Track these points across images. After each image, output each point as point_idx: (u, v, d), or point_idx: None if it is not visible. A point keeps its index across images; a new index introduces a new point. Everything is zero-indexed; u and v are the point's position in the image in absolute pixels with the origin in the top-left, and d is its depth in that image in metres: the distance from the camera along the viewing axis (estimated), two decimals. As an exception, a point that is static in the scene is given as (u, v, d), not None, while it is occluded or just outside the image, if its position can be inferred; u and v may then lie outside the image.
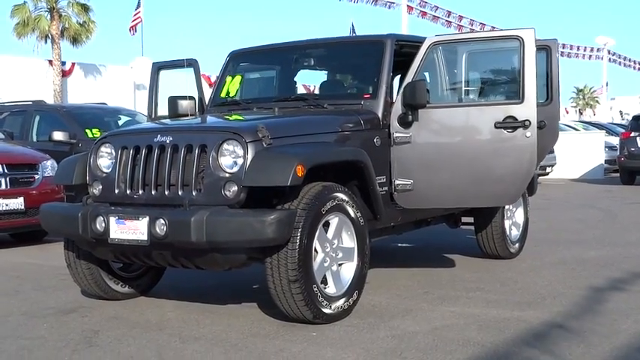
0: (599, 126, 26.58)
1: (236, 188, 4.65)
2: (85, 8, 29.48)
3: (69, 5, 28.93)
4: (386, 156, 5.66)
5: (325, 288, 4.88)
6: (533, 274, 6.58)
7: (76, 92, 28.85)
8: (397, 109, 5.69)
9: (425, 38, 6.24)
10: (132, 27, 30.63)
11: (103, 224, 4.88)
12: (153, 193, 4.93)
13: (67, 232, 5.14)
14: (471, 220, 7.29)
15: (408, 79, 5.68)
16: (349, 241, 5.07)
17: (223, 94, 6.51)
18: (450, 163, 5.68)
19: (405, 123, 5.67)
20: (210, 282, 6.42)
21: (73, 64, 30.07)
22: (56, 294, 6.02)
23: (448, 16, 28.42)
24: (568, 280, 6.27)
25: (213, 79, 37.39)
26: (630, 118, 20.13)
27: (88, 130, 10.93)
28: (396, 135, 5.68)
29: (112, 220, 4.85)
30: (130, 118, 12.37)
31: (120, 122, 12.02)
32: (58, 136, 10.67)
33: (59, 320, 5.12)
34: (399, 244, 8.53)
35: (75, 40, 29.61)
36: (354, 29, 41.27)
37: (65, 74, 28.94)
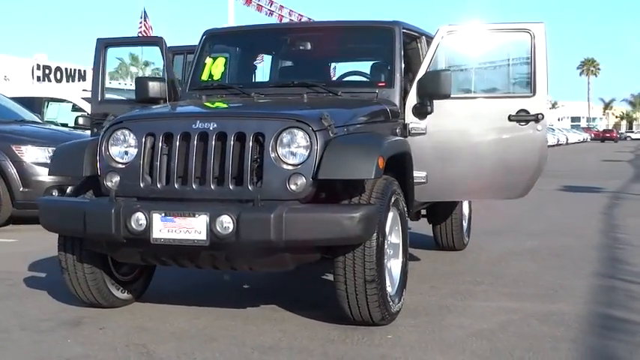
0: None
1: (304, 181, 4.24)
2: None
3: None
4: (402, 147, 5.43)
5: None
6: (505, 265, 6.69)
7: None
8: (412, 99, 5.51)
9: (418, 29, 6.12)
10: None
11: (144, 222, 4.24)
12: (194, 187, 4.37)
13: (93, 232, 4.39)
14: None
15: (424, 68, 5.51)
16: (395, 237, 4.81)
17: (205, 77, 5.92)
18: (464, 155, 5.59)
19: (420, 113, 5.51)
20: (191, 283, 5.89)
21: None
22: (27, 303, 5.18)
23: (270, 5, 28.39)
24: (550, 270, 6.44)
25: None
26: None
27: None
28: (411, 126, 5.50)
29: (156, 217, 4.24)
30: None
31: None
32: None
33: (79, 334, 4.40)
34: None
35: None
36: (146, 15, 40.16)
37: None
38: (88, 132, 10.89)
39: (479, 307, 5.08)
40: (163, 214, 4.23)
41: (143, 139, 4.49)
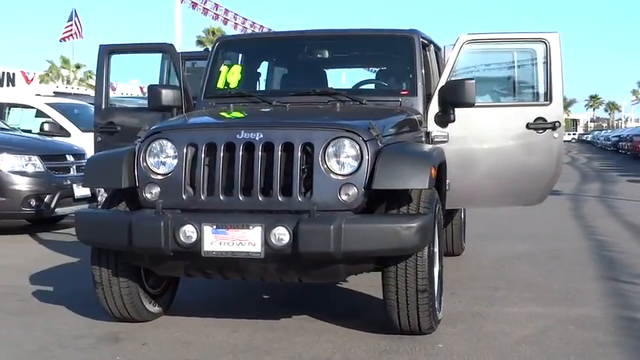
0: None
1: (355, 191, 4.22)
2: None
3: None
4: (425, 156, 5.46)
5: (430, 295, 4.61)
6: (510, 270, 6.79)
7: None
8: (434, 107, 5.55)
9: (427, 37, 6.15)
10: None
11: (194, 234, 4.15)
12: (240, 198, 4.30)
13: (139, 245, 4.26)
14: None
15: (445, 76, 5.57)
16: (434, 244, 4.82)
17: (221, 85, 5.83)
18: (484, 162, 5.68)
19: (442, 122, 5.55)
20: (207, 294, 5.80)
21: None
22: (50, 319, 5.01)
23: (216, 9, 28.13)
24: (555, 274, 6.56)
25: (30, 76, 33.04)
26: None
27: None
28: (434, 134, 5.54)
29: (207, 229, 4.15)
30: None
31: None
32: None
33: (125, 350, 4.29)
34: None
35: None
36: (76, 14, 39.64)
37: None
38: (58, 138, 10.72)
39: (509, 313, 5.14)
40: (215, 227, 4.15)
41: (184, 150, 4.39)
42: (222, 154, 4.33)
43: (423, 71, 5.61)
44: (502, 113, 5.76)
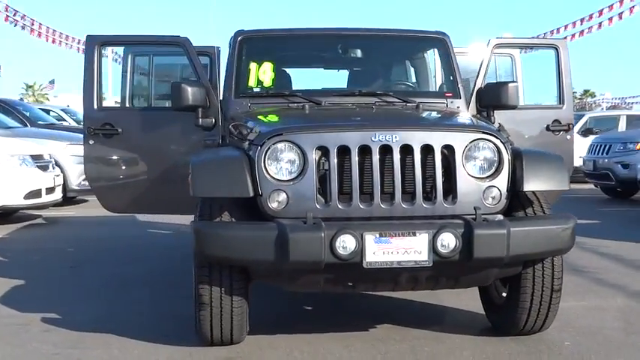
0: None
1: (498, 194, 4.17)
2: None
3: None
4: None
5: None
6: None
7: None
8: (472, 109, 5.61)
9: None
10: None
11: (353, 245, 3.84)
12: (382, 205, 4.05)
13: (297, 260, 3.81)
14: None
15: (481, 79, 5.64)
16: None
17: (252, 84, 5.41)
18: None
19: (482, 123, 5.62)
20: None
21: None
22: (116, 347, 4.36)
23: (6, 10, 25.59)
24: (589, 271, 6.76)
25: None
26: None
27: None
28: (477, 136, 5.59)
29: (369, 238, 3.87)
30: None
31: None
32: None
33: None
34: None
35: None
36: None
37: None
38: None
39: (575, 307, 5.27)
40: (377, 235, 3.88)
41: (313, 153, 4.05)
42: (356, 158, 4.06)
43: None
44: (528, 115, 5.96)
